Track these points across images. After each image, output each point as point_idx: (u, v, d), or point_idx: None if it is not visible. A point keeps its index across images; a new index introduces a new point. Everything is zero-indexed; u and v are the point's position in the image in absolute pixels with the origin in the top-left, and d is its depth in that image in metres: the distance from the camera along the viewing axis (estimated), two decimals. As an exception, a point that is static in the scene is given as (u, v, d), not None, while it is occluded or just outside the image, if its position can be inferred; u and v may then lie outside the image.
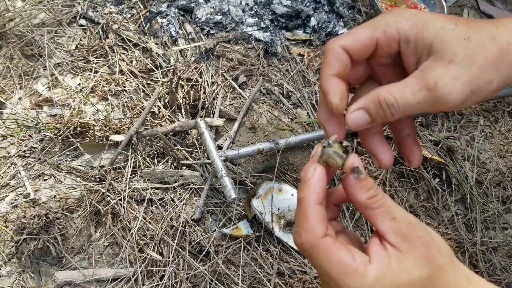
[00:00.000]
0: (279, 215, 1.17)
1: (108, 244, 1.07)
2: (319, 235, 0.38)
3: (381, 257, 0.38)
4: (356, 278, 0.37)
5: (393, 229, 0.39)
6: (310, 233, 0.39)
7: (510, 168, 1.45)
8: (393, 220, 0.39)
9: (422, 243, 0.38)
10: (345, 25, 1.61)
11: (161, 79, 1.32)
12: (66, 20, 1.38)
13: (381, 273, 0.37)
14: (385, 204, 0.40)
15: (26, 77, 1.25)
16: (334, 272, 0.38)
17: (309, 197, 0.40)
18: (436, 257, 0.38)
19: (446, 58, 0.38)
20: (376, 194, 0.40)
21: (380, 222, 0.39)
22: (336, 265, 0.38)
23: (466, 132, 1.50)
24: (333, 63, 0.42)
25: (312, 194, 0.40)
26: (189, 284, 1.04)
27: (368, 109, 0.41)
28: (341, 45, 0.42)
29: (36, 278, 1.01)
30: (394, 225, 0.39)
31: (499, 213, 1.35)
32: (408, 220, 0.39)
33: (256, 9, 1.54)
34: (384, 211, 0.39)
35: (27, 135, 1.16)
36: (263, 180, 1.18)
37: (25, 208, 1.03)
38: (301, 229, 0.39)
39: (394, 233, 0.39)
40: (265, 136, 1.27)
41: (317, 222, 0.39)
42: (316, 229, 0.39)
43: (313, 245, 0.39)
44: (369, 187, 0.40)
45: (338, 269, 0.38)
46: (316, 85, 1.44)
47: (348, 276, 0.37)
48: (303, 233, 0.39)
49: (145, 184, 1.13)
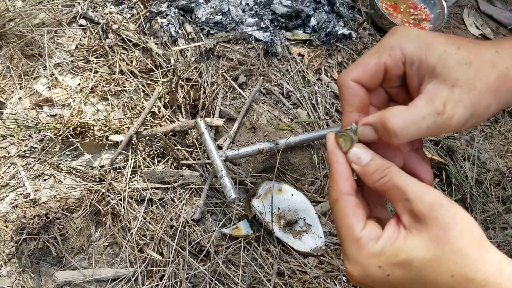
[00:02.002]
0: (279, 215, 1.17)
1: (108, 244, 1.07)
2: (342, 191, 0.41)
3: (390, 236, 0.38)
4: (356, 246, 0.38)
5: (406, 210, 0.38)
6: (335, 189, 0.42)
7: (510, 168, 1.45)
8: (405, 201, 0.38)
9: (436, 224, 0.36)
10: (345, 25, 1.61)
11: (161, 79, 1.32)
12: (66, 20, 1.38)
13: (380, 250, 0.38)
14: (394, 185, 0.39)
15: (26, 77, 1.25)
16: (342, 232, 0.40)
17: (336, 158, 0.43)
18: (452, 240, 0.36)
19: (449, 82, 0.39)
20: (384, 175, 0.40)
21: (394, 203, 0.39)
22: (345, 226, 0.40)
23: (466, 132, 1.50)
24: (350, 99, 0.44)
25: (338, 154, 0.43)
26: (189, 284, 1.04)
27: (375, 129, 0.42)
28: (353, 79, 0.43)
29: (36, 278, 1.01)
30: (407, 205, 0.38)
31: (499, 213, 1.35)
32: (423, 200, 0.37)
33: (256, 9, 1.54)
34: (395, 192, 0.39)
35: (27, 135, 1.16)
36: (263, 180, 1.18)
37: (25, 208, 1.03)
38: (330, 186, 0.43)
39: (407, 214, 0.38)
40: (265, 136, 1.27)
41: (342, 178, 0.42)
42: (340, 185, 0.41)
43: (334, 200, 0.42)
44: (371, 171, 0.41)
45: (345, 231, 0.40)
46: (316, 85, 1.44)
47: (350, 241, 0.39)
48: (330, 190, 0.42)
49: (145, 184, 1.13)
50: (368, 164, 0.41)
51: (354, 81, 0.43)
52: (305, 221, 1.19)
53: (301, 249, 1.15)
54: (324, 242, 1.18)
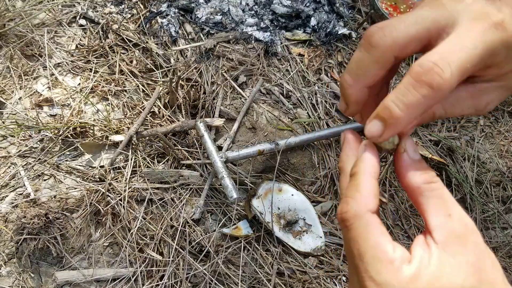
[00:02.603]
0: (279, 215, 1.17)
1: (108, 244, 1.07)
2: (368, 207, 0.35)
3: (422, 256, 0.33)
4: (390, 269, 0.33)
5: (445, 227, 0.34)
6: (358, 203, 0.35)
7: (510, 168, 1.45)
8: (448, 217, 0.34)
9: (474, 250, 0.33)
10: (345, 25, 1.61)
11: (161, 79, 1.32)
12: (66, 20, 1.38)
13: (417, 273, 0.33)
14: (442, 196, 0.35)
15: (26, 77, 1.25)
16: (369, 253, 0.33)
17: (365, 170, 0.36)
18: (488, 270, 0.33)
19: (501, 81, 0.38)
20: (434, 181, 0.36)
21: (432, 214, 0.35)
22: (373, 246, 0.33)
23: (466, 132, 1.50)
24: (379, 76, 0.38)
25: (368, 167, 0.36)
26: (189, 284, 1.04)
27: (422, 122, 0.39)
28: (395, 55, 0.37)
29: (36, 278, 1.01)
30: (448, 222, 0.34)
31: (499, 213, 1.35)
32: (465, 222, 0.34)
33: (256, 9, 1.54)
34: (440, 203, 0.35)
35: (27, 135, 1.16)
36: (263, 180, 1.18)
37: (25, 208, 1.03)
38: (351, 198, 0.35)
39: (445, 231, 0.34)
40: (265, 136, 1.27)
41: (370, 195, 0.35)
42: (367, 201, 0.35)
43: (357, 216, 0.35)
44: (426, 170, 0.36)
45: (373, 251, 0.33)
46: (316, 85, 1.44)
47: (381, 264, 0.33)
48: (351, 202, 0.35)
49: (145, 184, 1.13)
50: (422, 162, 0.37)
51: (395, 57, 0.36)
52: (305, 221, 1.19)
53: (301, 249, 1.15)
54: (324, 242, 1.18)
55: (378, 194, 0.36)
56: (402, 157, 0.37)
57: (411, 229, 1.26)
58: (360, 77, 0.37)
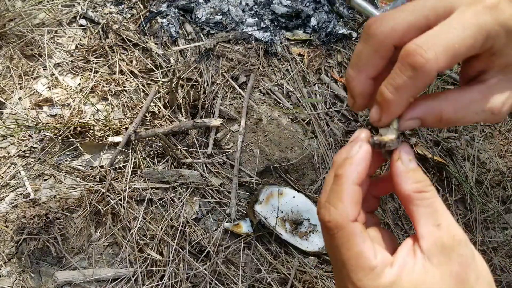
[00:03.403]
0: (283, 218, 1.17)
1: (108, 244, 1.07)
2: (349, 218, 0.35)
3: (406, 262, 0.35)
4: (370, 276, 0.34)
5: (432, 236, 0.35)
6: (339, 213, 0.35)
7: (510, 168, 1.45)
8: (437, 227, 0.35)
9: (459, 261, 0.34)
10: (345, 25, 1.61)
11: (161, 79, 1.32)
12: (66, 20, 1.38)
13: (397, 279, 0.34)
14: (433, 205, 0.36)
15: (26, 77, 1.25)
16: (351, 262, 0.35)
17: (349, 175, 0.36)
18: (471, 282, 0.34)
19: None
20: (426, 191, 0.36)
21: (422, 223, 0.35)
22: (355, 256, 0.35)
23: (466, 132, 1.50)
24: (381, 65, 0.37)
25: (353, 172, 0.37)
26: (189, 284, 1.04)
27: (424, 120, 0.37)
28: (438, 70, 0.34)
29: (36, 278, 1.01)
30: (436, 232, 0.34)
31: (499, 213, 1.35)
32: (454, 233, 0.35)
33: (256, 9, 1.54)
34: (430, 213, 0.35)
35: (27, 135, 1.16)
36: (263, 185, 1.18)
37: (25, 208, 1.03)
38: (332, 206, 0.36)
39: (432, 240, 0.35)
40: (265, 136, 1.27)
41: (351, 203, 0.36)
42: (348, 211, 0.36)
43: (339, 226, 0.35)
44: (418, 179, 0.36)
45: (355, 260, 0.35)
46: (316, 85, 1.44)
47: (363, 272, 0.34)
48: (332, 211, 0.36)
49: (145, 184, 1.13)
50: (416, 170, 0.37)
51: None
52: (309, 221, 1.19)
53: (309, 249, 1.15)
54: None
55: (360, 200, 0.37)
56: (396, 165, 0.37)
57: (411, 229, 1.26)
58: (361, 68, 0.37)
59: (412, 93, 0.35)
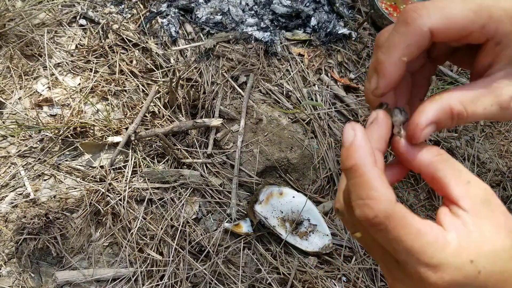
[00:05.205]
0: (283, 218, 1.17)
1: (108, 244, 1.07)
2: (393, 201, 0.32)
3: (456, 225, 0.32)
4: (439, 248, 0.31)
5: (469, 194, 0.33)
6: (382, 201, 0.32)
7: (510, 168, 1.45)
8: (468, 184, 0.33)
9: (501, 212, 0.33)
10: (345, 25, 1.61)
11: (161, 79, 1.32)
12: (66, 20, 1.38)
13: (463, 243, 0.32)
14: (455, 166, 0.34)
15: (26, 77, 1.25)
16: (417, 244, 0.32)
17: (365, 160, 0.33)
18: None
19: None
20: (442, 153, 0.35)
21: (454, 185, 0.34)
22: (417, 235, 0.32)
23: (466, 132, 1.50)
24: (413, 48, 0.35)
25: (366, 156, 0.33)
26: (189, 284, 1.04)
27: (439, 122, 0.35)
28: (431, 27, 0.34)
29: (36, 278, 1.01)
30: (470, 189, 0.33)
31: (499, 213, 1.35)
32: (484, 187, 0.34)
33: (256, 9, 1.54)
34: (456, 173, 0.34)
35: (27, 135, 1.16)
36: (263, 185, 1.18)
37: (25, 208, 1.03)
38: (369, 199, 0.32)
39: (471, 197, 0.33)
40: (265, 136, 1.27)
41: (386, 187, 0.32)
42: (388, 195, 0.32)
43: (389, 215, 0.32)
44: (431, 148, 0.35)
45: (420, 239, 0.32)
46: (316, 86, 1.44)
47: (432, 247, 0.31)
48: (373, 204, 0.32)
49: (145, 184, 1.13)
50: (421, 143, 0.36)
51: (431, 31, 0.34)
52: (309, 221, 1.19)
53: (310, 249, 1.15)
54: (331, 239, 1.18)
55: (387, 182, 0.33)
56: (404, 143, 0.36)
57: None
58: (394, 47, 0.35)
59: (404, 52, 0.34)
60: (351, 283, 1.15)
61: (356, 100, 1.44)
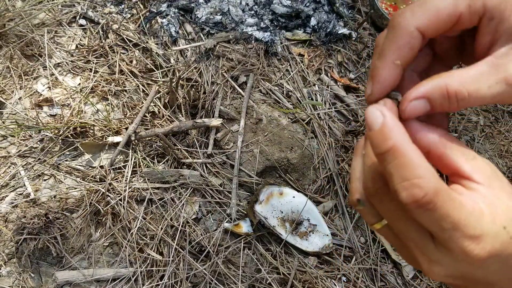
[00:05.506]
0: (283, 218, 1.17)
1: (108, 244, 1.07)
2: (437, 177, 0.31)
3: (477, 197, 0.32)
4: (478, 217, 0.31)
5: (479, 168, 0.33)
6: (429, 179, 0.31)
7: (510, 168, 1.45)
8: (475, 159, 0.34)
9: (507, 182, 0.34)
10: (345, 25, 1.61)
11: (161, 79, 1.32)
12: (66, 20, 1.38)
13: (492, 210, 0.32)
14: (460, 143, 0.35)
15: (26, 77, 1.25)
16: (462, 216, 0.31)
17: (403, 139, 0.32)
18: None
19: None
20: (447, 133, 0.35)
21: (463, 161, 0.34)
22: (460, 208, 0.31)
23: (466, 132, 1.50)
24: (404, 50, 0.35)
25: (403, 135, 0.32)
26: (189, 284, 1.04)
27: (431, 99, 0.34)
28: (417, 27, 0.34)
29: (36, 278, 1.01)
30: (478, 164, 0.34)
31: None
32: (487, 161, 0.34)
33: (256, 9, 1.54)
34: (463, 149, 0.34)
35: (27, 135, 1.16)
36: (263, 185, 1.18)
37: (25, 208, 1.03)
38: (416, 179, 0.31)
39: (481, 172, 0.33)
40: (265, 136, 1.27)
41: (428, 164, 0.32)
42: (434, 171, 0.31)
43: (437, 191, 0.31)
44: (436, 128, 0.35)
45: (463, 212, 0.31)
46: (316, 86, 1.44)
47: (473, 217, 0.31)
48: (421, 182, 0.31)
49: (145, 184, 1.13)
50: None
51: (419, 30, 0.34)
52: (309, 221, 1.19)
53: (310, 249, 1.15)
54: (331, 239, 1.18)
55: None
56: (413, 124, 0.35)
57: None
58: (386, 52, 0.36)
59: (396, 55, 0.35)
60: (351, 283, 1.15)
61: (356, 100, 1.44)
